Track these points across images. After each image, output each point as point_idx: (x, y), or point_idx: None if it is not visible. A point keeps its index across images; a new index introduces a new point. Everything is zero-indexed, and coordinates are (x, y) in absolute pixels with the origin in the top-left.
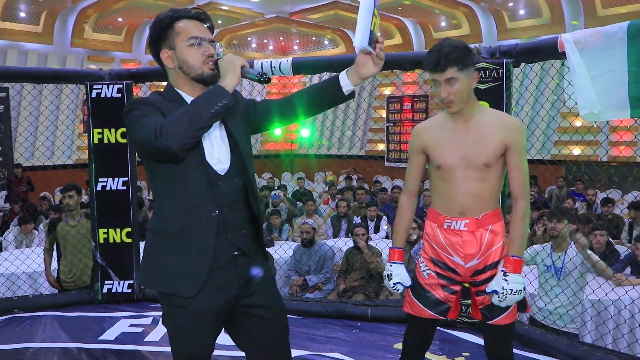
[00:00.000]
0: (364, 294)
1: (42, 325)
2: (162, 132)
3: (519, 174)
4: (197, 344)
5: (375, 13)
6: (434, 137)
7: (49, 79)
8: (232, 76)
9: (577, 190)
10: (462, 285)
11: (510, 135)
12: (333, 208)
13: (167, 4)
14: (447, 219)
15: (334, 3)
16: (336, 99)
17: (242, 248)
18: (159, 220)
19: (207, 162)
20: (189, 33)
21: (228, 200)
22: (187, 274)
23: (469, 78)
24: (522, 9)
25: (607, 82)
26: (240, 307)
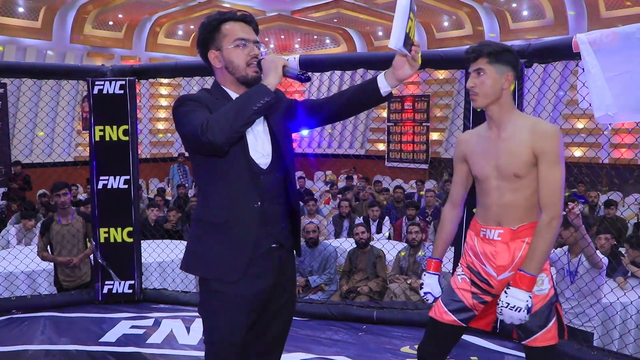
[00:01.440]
0: (368, 296)
1: (41, 326)
2: (208, 127)
3: (547, 184)
4: (228, 330)
5: (411, 17)
6: (472, 147)
7: (49, 75)
8: (274, 75)
9: (578, 192)
10: (494, 298)
11: (541, 143)
12: (334, 208)
13: (167, 1)
14: (483, 228)
15: (336, 2)
16: (374, 100)
17: (280, 241)
18: (205, 210)
19: (251, 156)
20: (234, 35)
21: (269, 194)
22: (229, 261)
23: (499, 75)
24: (525, 10)
25: (624, 84)
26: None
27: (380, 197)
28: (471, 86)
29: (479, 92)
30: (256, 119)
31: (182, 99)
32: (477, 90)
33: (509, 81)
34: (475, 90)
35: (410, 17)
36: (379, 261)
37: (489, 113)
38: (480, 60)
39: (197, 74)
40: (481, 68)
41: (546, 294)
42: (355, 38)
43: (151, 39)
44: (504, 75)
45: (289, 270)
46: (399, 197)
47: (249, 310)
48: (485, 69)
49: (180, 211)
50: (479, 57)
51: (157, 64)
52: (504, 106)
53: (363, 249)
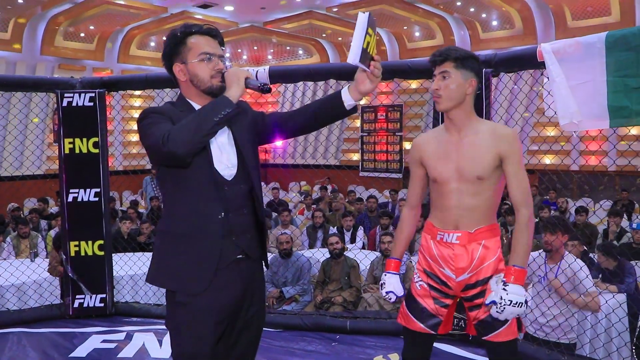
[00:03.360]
0: (342, 306)
1: (9, 343)
2: (169, 138)
3: (518, 183)
4: (195, 342)
5: (370, 32)
6: (430, 149)
7: (17, 87)
8: (236, 87)
9: (549, 199)
10: (454, 300)
11: (505, 146)
12: (308, 218)
13: (139, 12)
14: (440, 232)
15: (308, 13)
16: (339, 113)
17: (247, 251)
18: (169, 222)
19: (215, 167)
20: (199, 49)
21: (234, 205)
22: (194, 272)
23: (464, 79)
24: (494, 20)
25: (587, 92)
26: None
27: (351, 207)
28: (436, 88)
29: (442, 95)
30: (218, 130)
31: (146, 111)
32: (442, 92)
33: (472, 87)
34: (440, 92)
35: (368, 33)
36: (352, 271)
37: (451, 116)
38: (447, 63)
39: (168, 86)
40: (447, 71)
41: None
42: (328, 49)
43: (123, 51)
44: (468, 81)
45: (258, 281)
46: (372, 206)
47: (216, 322)
48: (450, 72)
49: (154, 224)
50: (445, 60)
51: (127, 76)
52: (466, 111)
53: (337, 259)
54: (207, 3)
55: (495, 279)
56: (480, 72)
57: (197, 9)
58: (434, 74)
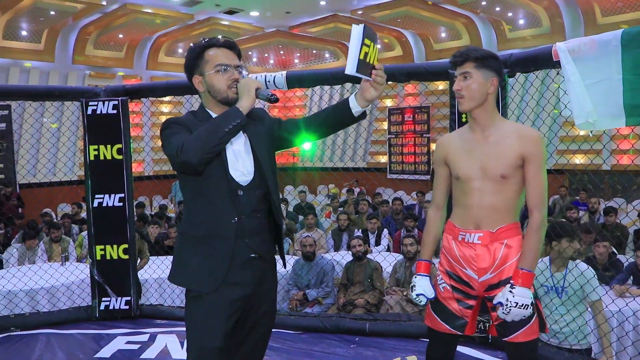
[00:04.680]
0: (365, 308)
1: (39, 343)
2: (183, 148)
3: (536, 186)
4: (207, 335)
5: (367, 42)
6: (454, 148)
7: (45, 97)
8: (247, 98)
9: (580, 200)
10: (477, 300)
11: (528, 147)
12: (334, 221)
13: (167, 20)
14: (462, 232)
15: (334, 16)
16: (348, 119)
17: (259, 252)
18: (187, 225)
19: (230, 174)
20: (216, 60)
21: (248, 209)
22: (207, 273)
23: (485, 79)
24: (521, 19)
25: (602, 91)
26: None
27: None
28: (457, 89)
29: (465, 95)
30: (228, 139)
31: (167, 122)
32: (464, 93)
33: (494, 86)
34: (462, 93)
35: (365, 44)
36: (375, 273)
37: (474, 116)
38: (467, 64)
39: (188, 93)
40: (468, 72)
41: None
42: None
43: (152, 58)
44: (490, 80)
45: (269, 281)
46: (397, 209)
47: (228, 316)
48: (471, 72)
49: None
50: (466, 61)
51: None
52: (489, 110)
53: (359, 261)
54: (233, 9)
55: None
56: (502, 71)
57: (223, 15)
58: (455, 75)
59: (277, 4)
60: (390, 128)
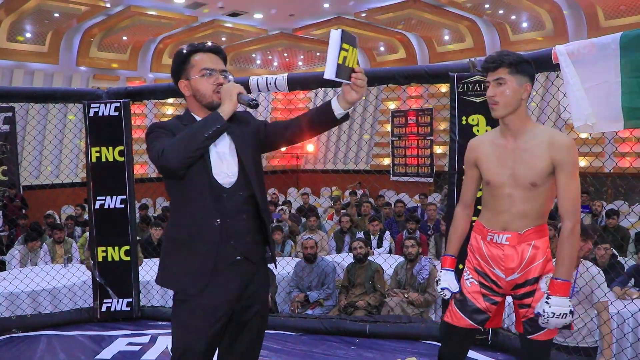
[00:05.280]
0: (366, 310)
1: (40, 344)
2: (164, 153)
3: (567, 194)
4: (191, 336)
5: (345, 47)
6: (485, 153)
7: (47, 99)
8: (228, 103)
9: (582, 203)
10: (503, 297)
11: (560, 154)
12: (337, 223)
13: (171, 22)
14: (491, 232)
15: (337, 19)
16: (331, 122)
17: (245, 254)
18: (172, 228)
19: (213, 177)
20: (202, 65)
21: (232, 211)
22: (192, 275)
23: (519, 85)
24: (525, 22)
25: (601, 94)
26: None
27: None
28: (492, 95)
29: (499, 102)
30: (209, 144)
31: (151, 126)
32: (498, 99)
33: (528, 92)
34: (496, 99)
35: (344, 48)
36: (377, 275)
37: (506, 122)
38: (501, 70)
39: None
40: (502, 78)
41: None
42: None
43: (156, 60)
44: (523, 86)
45: (259, 282)
46: (400, 211)
47: (213, 320)
48: (506, 79)
49: None
50: (500, 66)
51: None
52: (521, 116)
53: (361, 263)
54: (237, 11)
55: (544, 279)
56: (534, 75)
57: (227, 18)
58: (488, 80)
59: (280, 7)
60: (393, 130)
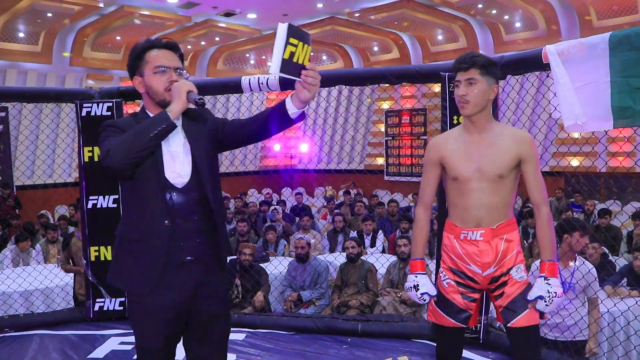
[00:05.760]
0: (359, 309)
1: (33, 344)
2: (109, 153)
3: (537, 183)
4: (148, 337)
5: (293, 42)
6: (450, 149)
7: (40, 98)
8: (177, 101)
9: (575, 202)
10: (480, 293)
11: (524, 148)
12: (330, 223)
13: (164, 22)
14: (464, 230)
15: (331, 19)
16: (286, 122)
17: (195, 255)
18: (123, 227)
19: (165, 176)
20: (155, 62)
21: (183, 212)
22: (142, 274)
23: (488, 86)
24: (518, 22)
25: (591, 93)
26: (193, 310)
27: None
28: (462, 94)
29: (470, 101)
30: (154, 145)
31: (103, 125)
32: (469, 98)
33: (494, 92)
34: (467, 98)
35: (291, 43)
36: (369, 275)
37: (473, 119)
38: (473, 70)
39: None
40: (474, 78)
41: (525, 280)
42: (352, 53)
43: None
44: (492, 87)
45: (214, 282)
46: (393, 210)
47: (166, 320)
48: (477, 79)
49: None
50: (472, 67)
51: None
52: (487, 114)
53: (354, 263)
54: (230, 11)
55: (515, 268)
56: (499, 77)
57: (220, 17)
58: (458, 80)
59: (274, 6)
60: (387, 130)
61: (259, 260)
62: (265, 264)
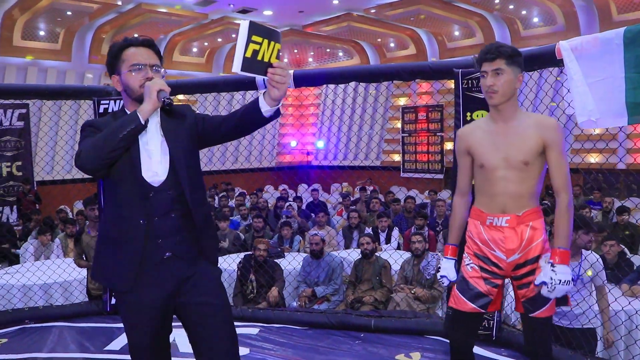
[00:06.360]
0: (373, 306)
1: (51, 335)
2: (81, 154)
3: (559, 169)
4: (134, 333)
5: (256, 39)
6: (477, 139)
7: (59, 96)
8: (148, 101)
9: (594, 199)
10: (503, 280)
11: (548, 134)
12: (346, 219)
13: (181, 20)
14: (490, 216)
15: (347, 15)
16: (259, 120)
17: (175, 252)
18: (103, 225)
19: (142, 176)
20: (131, 60)
21: (160, 210)
22: (120, 272)
23: (514, 76)
24: (535, 17)
25: (605, 89)
26: (182, 305)
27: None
28: (490, 84)
29: (498, 91)
30: (124, 145)
31: (83, 125)
32: (497, 88)
33: (520, 82)
34: (495, 88)
35: (253, 41)
36: (384, 271)
37: (500, 108)
38: (499, 60)
39: (198, 91)
40: (500, 68)
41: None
42: (368, 50)
43: (167, 57)
44: (518, 77)
45: (198, 277)
46: (409, 207)
47: (151, 316)
48: (504, 69)
49: None
50: (498, 57)
51: None
52: (513, 103)
53: (368, 259)
54: (247, 8)
55: (544, 257)
56: (523, 67)
57: (237, 15)
58: (484, 70)
59: (290, 3)
60: (403, 126)
61: (274, 256)
62: (280, 260)
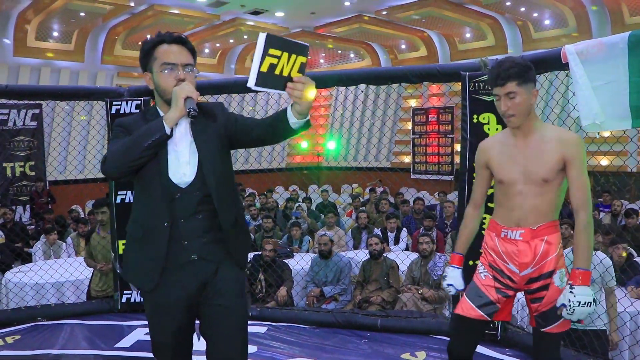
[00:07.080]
0: (380, 306)
1: (63, 332)
2: (106, 160)
3: (579, 187)
4: (156, 331)
5: (273, 53)
6: (496, 153)
7: (72, 97)
8: (174, 109)
9: (604, 202)
10: (515, 292)
11: (569, 150)
12: (355, 220)
13: (193, 21)
14: (504, 229)
15: (358, 17)
16: (288, 131)
17: (201, 254)
18: (130, 225)
19: (169, 177)
20: (163, 59)
21: (186, 212)
22: (144, 272)
23: (528, 93)
24: (547, 19)
25: (609, 93)
26: (200, 304)
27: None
28: (505, 109)
29: (515, 114)
30: (148, 154)
31: (115, 123)
32: (512, 112)
33: (535, 96)
34: (510, 112)
35: (270, 55)
36: (391, 272)
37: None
38: (510, 84)
39: (209, 93)
40: (513, 92)
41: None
42: (379, 51)
43: None
44: (532, 93)
45: (226, 277)
46: (418, 208)
47: (171, 317)
48: (516, 92)
49: None
50: (508, 81)
51: None
52: (532, 117)
53: (376, 260)
54: (258, 10)
55: (558, 273)
56: (535, 80)
57: (249, 16)
58: (497, 95)
59: (302, 5)
60: (414, 128)
61: (283, 256)
62: (289, 260)
